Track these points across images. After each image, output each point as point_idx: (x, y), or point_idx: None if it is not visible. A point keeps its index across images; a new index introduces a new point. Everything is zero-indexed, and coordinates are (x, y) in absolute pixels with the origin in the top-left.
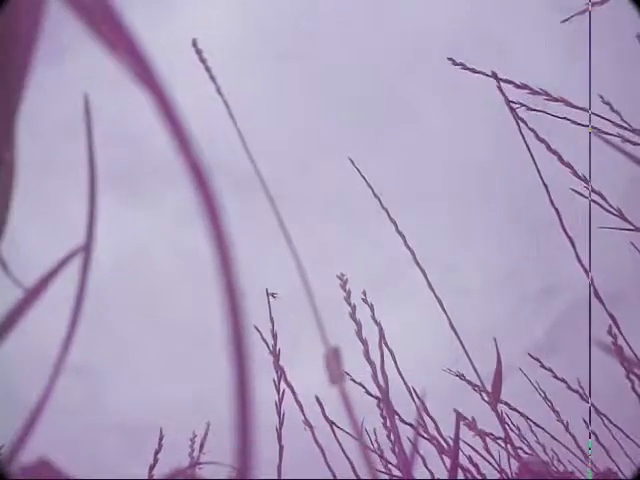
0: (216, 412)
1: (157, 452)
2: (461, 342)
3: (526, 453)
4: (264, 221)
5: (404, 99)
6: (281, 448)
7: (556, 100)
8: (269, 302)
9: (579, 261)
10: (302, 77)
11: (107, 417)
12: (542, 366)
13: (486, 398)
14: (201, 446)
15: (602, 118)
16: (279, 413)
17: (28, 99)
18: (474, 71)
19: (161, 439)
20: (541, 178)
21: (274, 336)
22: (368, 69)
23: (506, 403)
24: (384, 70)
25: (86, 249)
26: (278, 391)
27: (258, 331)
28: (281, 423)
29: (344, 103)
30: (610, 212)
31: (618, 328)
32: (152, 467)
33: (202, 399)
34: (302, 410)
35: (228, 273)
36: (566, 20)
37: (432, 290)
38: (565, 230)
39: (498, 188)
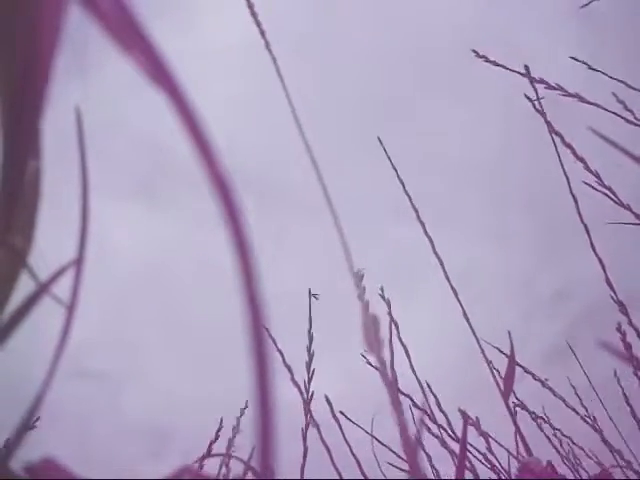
0: (236, 414)
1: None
2: (474, 333)
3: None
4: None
5: (416, 97)
6: (306, 449)
7: (571, 95)
8: (310, 302)
9: (593, 250)
10: (315, 77)
11: (126, 420)
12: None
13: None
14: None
15: (616, 115)
16: (306, 414)
17: (56, 110)
18: (496, 64)
19: (219, 430)
20: (563, 168)
21: (310, 338)
22: (382, 67)
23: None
24: (398, 68)
25: (78, 261)
26: (307, 391)
27: (269, 334)
28: (307, 425)
29: (355, 102)
30: (620, 205)
31: (628, 316)
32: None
33: (221, 401)
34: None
35: (249, 279)
36: (585, 5)
37: (448, 280)
38: (581, 218)
39: (512, 190)
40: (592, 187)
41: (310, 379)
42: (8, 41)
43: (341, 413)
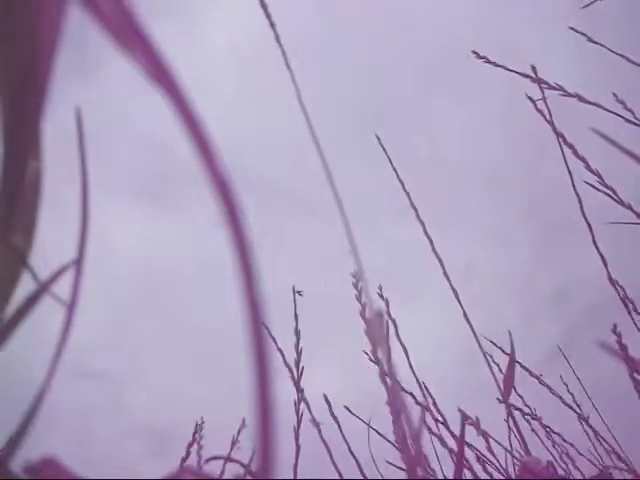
0: (236, 413)
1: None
2: (474, 332)
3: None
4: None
5: (418, 98)
6: (298, 447)
7: (570, 95)
8: (295, 300)
9: (596, 247)
10: (318, 77)
11: (126, 420)
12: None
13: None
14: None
15: (616, 114)
16: (298, 412)
17: (57, 110)
18: (496, 65)
19: (195, 433)
20: (567, 168)
21: (297, 334)
22: (385, 68)
23: (536, 376)
24: (401, 69)
25: (78, 261)
26: (297, 390)
27: (268, 330)
28: (299, 423)
29: (358, 102)
30: (622, 205)
31: (631, 308)
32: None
33: (223, 401)
34: (309, 408)
35: (249, 280)
36: (586, 6)
37: (448, 279)
38: (585, 217)
39: (513, 190)
40: (594, 187)
41: (300, 376)
42: (8, 41)
43: (346, 408)
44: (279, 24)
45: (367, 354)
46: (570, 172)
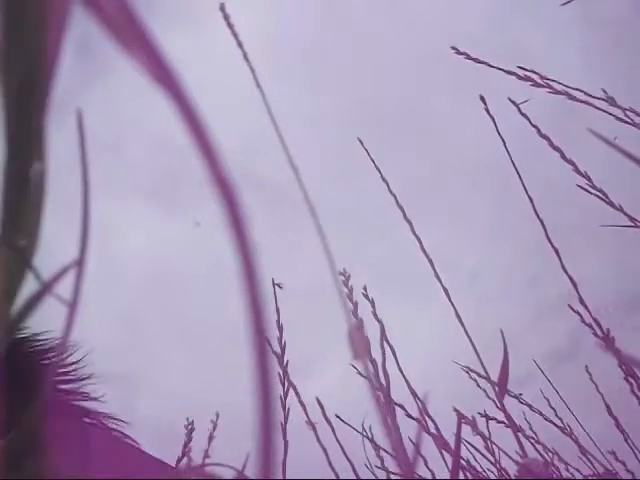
0: (241, 415)
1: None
2: (466, 332)
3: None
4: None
5: (420, 99)
6: (286, 444)
7: (559, 93)
8: (275, 292)
9: (565, 271)
10: (322, 77)
11: (133, 419)
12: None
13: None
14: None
15: (604, 112)
16: (284, 408)
17: (68, 111)
18: (477, 61)
19: (187, 443)
20: (521, 180)
21: (280, 328)
22: (387, 68)
23: (515, 396)
24: (401, 71)
25: (79, 262)
26: (283, 385)
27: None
28: (286, 419)
29: (361, 103)
30: (612, 207)
31: (602, 330)
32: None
33: (228, 403)
34: (305, 410)
35: (252, 280)
36: (566, 3)
37: (438, 279)
38: (550, 241)
39: (519, 192)
40: (585, 189)
41: (285, 372)
42: (13, 41)
43: (337, 417)
44: (284, 26)
45: (355, 367)
46: (530, 196)
